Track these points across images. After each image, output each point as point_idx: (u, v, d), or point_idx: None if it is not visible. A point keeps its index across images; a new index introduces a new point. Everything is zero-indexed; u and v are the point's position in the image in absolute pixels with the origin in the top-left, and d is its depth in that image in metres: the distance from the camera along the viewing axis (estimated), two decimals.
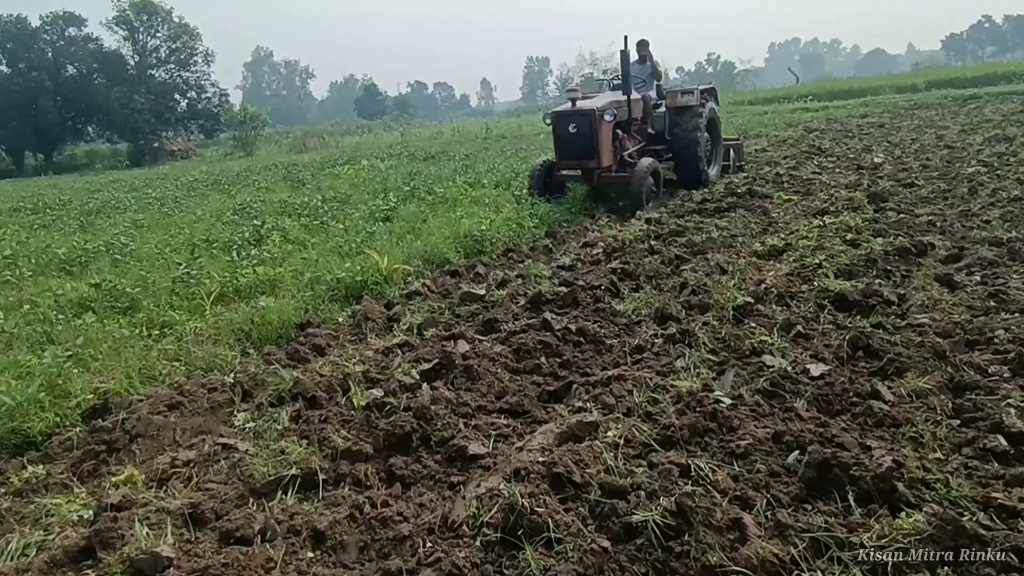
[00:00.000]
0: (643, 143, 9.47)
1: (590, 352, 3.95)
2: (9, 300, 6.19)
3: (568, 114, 8.53)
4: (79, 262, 7.78)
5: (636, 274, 5.31)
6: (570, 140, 8.52)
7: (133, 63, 54.94)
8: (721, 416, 2.64)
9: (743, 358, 3.41)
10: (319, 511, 2.58)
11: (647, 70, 10.14)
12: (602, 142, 8.35)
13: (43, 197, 17.59)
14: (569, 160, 8.72)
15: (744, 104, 32.31)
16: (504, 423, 3.15)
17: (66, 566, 2.42)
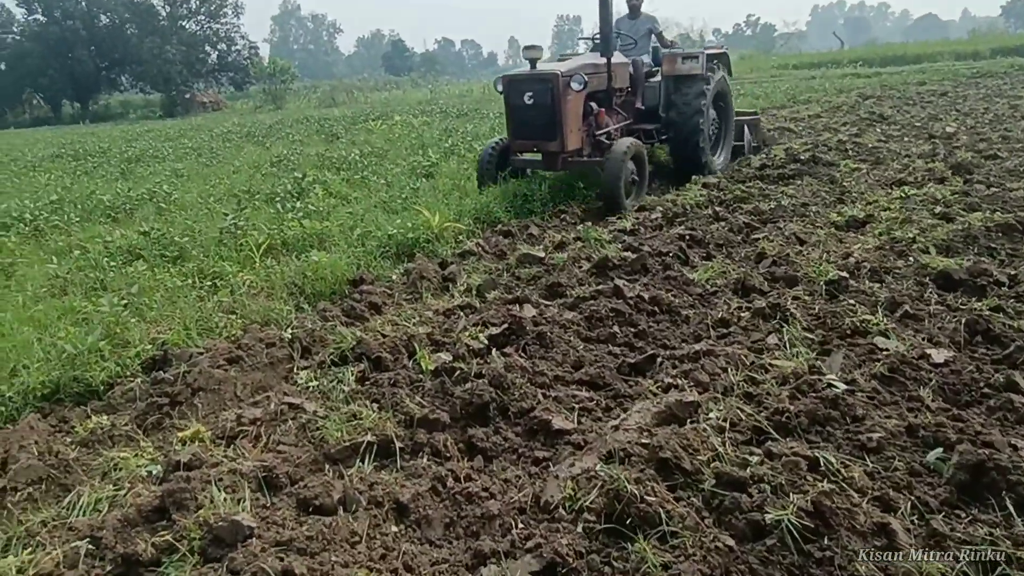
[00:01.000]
0: (629, 120, 7.49)
1: (666, 323, 3.71)
2: (59, 245, 6.12)
3: (524, 80, 6.39)
4: (124, 209, 7.69)
5: (705, 241, 5.03)
6: (526, 114, 6.45)
7: (164, 13, 54.65)
8: (843, 403, 2.40)
9: (846, 338, 3.14)
10: (399, 482, 2.42)
11: (641, 27, 8.00)
12: (567, 117, 6.32)
13: (83, 144, 17.61)
14: (525, 140, 6.66)
15: (789, 68, 31.07)
16: (586, 395, 2.95)
17: (140, 525, 2.31)
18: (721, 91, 7.91)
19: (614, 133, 7.05)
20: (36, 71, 52.67)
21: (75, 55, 52.58)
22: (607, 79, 6.88)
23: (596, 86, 6.75)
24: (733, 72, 9.10)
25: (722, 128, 8.24)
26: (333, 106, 33.10)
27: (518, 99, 6.46)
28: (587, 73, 6.47)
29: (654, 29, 8.06)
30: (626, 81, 7.36)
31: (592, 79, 6.59)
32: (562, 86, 6.26)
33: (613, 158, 6.22)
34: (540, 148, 6.65)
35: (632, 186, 6.56)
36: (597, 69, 6.78)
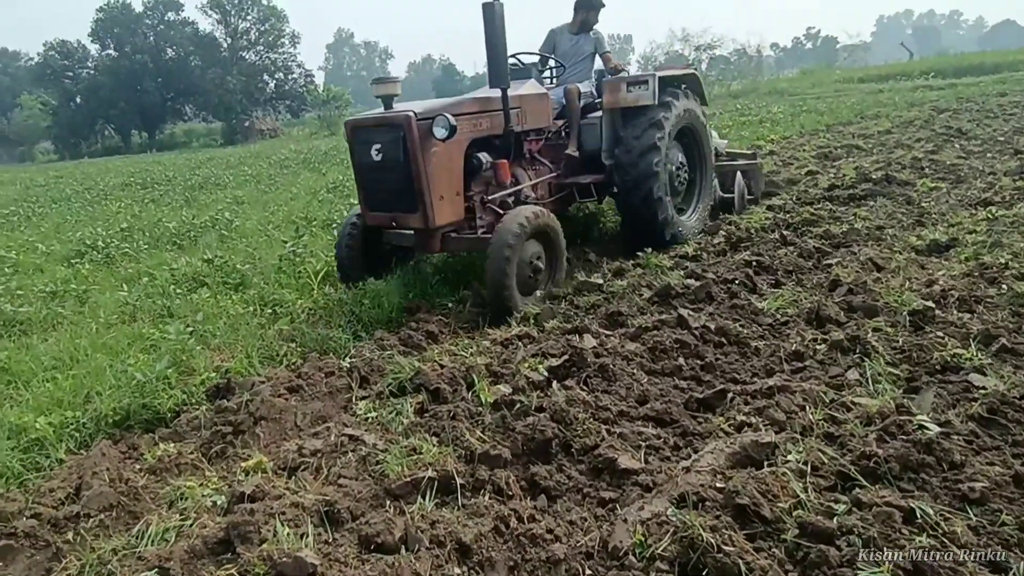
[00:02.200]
0: (555, 173, 5.71)
1: (735, 355, 3.60)
2: (129, 272, 6.44)
3: (369, 127, 4.68)
4: (188, 236, 8.05)
5: (773, 267, 4.88)
6: (377, 175, 4.72)
7: (225, 45, 57.77)
8: (938, 448, 2.26)
9: (936, 374, 2.97)
10: (461, 521, 2.39)
11: (584, 47, 6.21)
12: (432, 178, 4.51)
13: (149, 173, 18.63)
14: (380, 212, 4.84)
15: (854, 82, 30.25)
16: (652, 432, 2.87)
17: (205, 557, 2.35)
18: (689, 127, 6.08)
19: (527, 193, 5.30)
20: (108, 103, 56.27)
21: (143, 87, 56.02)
22: (503, 119, 4.92)
23: (486, 130, 4.92)
24: (794, 88, 8.48)
25: (697, 176, 6.36)
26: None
27: (365, 154, 4.65)
28: (464, 113, 4.69)
29: (600, 49, 6.25)
30: (546, 119, 5.50)
31: (472, 121, 4.79)
32: (419, 134, 4.40)
33: (498, 242, 4.33)
34: (399, 223, 4.74)
35: (534, 278, 4.65)
36: (483, 107, 4.89)
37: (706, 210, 6.46)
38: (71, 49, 59.60)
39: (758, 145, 11.99)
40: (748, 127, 14.94)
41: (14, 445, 3.23)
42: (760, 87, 31.58)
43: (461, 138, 4.67)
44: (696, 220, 6.27)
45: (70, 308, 5.43)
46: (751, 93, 29.29)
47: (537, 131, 5.55)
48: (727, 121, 16.38)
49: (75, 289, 5.97)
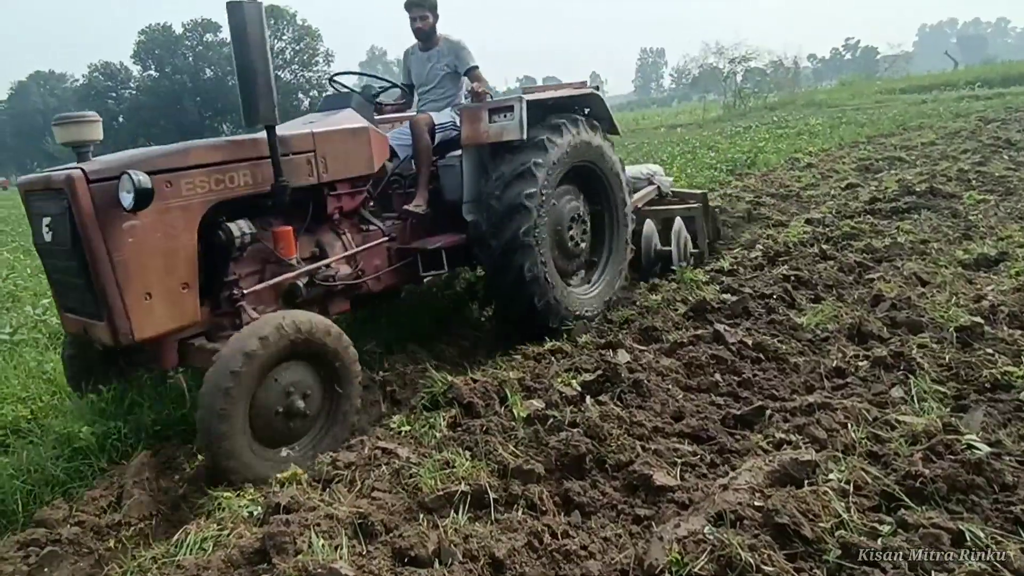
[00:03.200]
0: (390, 237, 4.21)
1: (773, 371, 3.56)
2: None
3: (36, 191, 3.26)
4: None
5: (812, 282, 4.81)
6: (51, 261, 3.41)
7: None
8: (989, 468, 2.20)
9: (985, 392, 2.89)
10: (494, 535, 2.40)
11: (438, 64, 4.77)
12: (124, 270, 3.03)
13: None
14: (71, 314, 3.38)
15: (895, 92, 29.72)
16: (688, 449, 2.85)
17: (242, 567, 2.40)
18: (589, 165, 4.59)
19: (336, 271, 3.80)
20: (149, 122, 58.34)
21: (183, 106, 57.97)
22: (273, 170, 3.40)
23: (242, 187, 3.39)
24: (833, 100, 8.05)
25: (606, 235, 4.89)
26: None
27: (38, 231, 3.28)
28: (190, 167, 3.23)
29: (461, 66, 4.69)
30: (365, 163, 3.94)
31: (212, 177, 3.30)
32: (95, 203, 2.95)
33: (214, 375, 2.90)
34: (89, 332, 3.24)
35: (291, 425, 3.17)
36: (233, 154, 3.40)
37: (618, 274, 4.89)
38: (114, 70, 62.10)
39: (795, 158, 11.86)
40: (785, 139, 14.78)
41: (59, 454, 3.35)
42: (797, 99, 31.24)
43: (188, 203, 3.20)
44: (602, 290, 4.75)
45: None
46: (788, 105, 28.98)
47: (355, 181, 3.94)
48: (764, 134, 16.23)
49: None
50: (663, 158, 13.35)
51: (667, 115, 37.46)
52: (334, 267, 3.83)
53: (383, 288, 4.23)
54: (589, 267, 4.91)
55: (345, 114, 4.10)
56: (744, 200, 8.19)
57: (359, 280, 3.97)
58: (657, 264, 5.59)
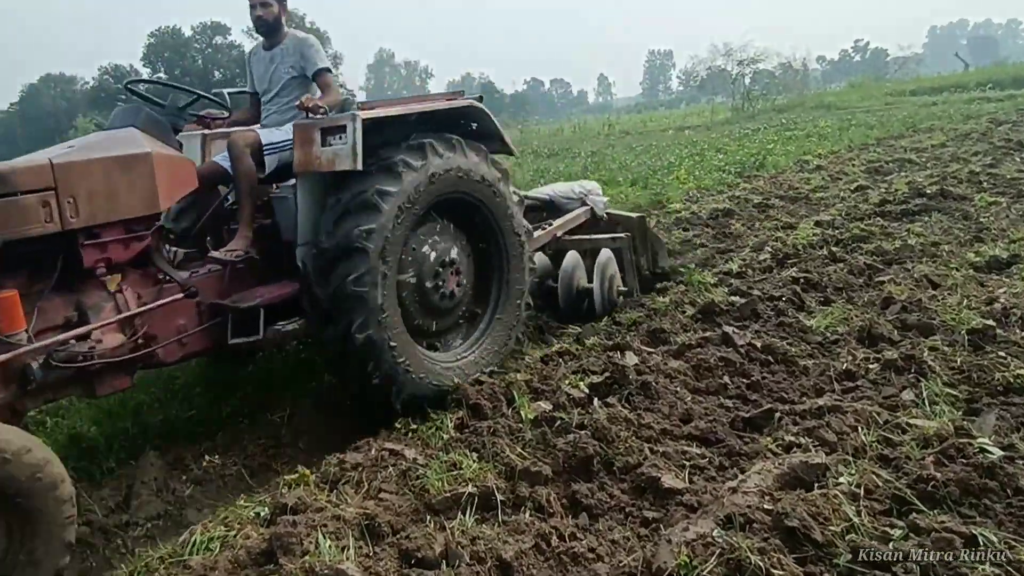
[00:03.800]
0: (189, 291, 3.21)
1: (782, 374, 3.54)
2: None
3: None
4: None
5: (821, 284, 4.79)
6: None
7: None
8: (1002, 472, 2.18)
9: (998, 396, 2.87)
10: (502, 537, 2.40)
11: (281, 66, 3.92)
12: None
13: None
14: None
15: (905, 94, 29.54)
16: (697, 452, 2.84)
17: (249, 567, 2.40)
18: (467, 198, 3.68)
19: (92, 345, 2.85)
20: None
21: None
22: None
23: None
24: (842, 102, 7.61)
25: (493, 283, 3.96)
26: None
27: None
28: None
29: (308, 67, 3.84)
30: (142, 202, 3.03)
31: None
32: None
33: None
34: None
35: None
36: None
37: (508, 332, 3.94)
38: (124, 73, 62.52)
39: (804, 160, 11.80)
40: (794, 142, 14.72)
41: (67, 454, 3.37)
42: (806, 101, 31.08)
43: None
44: (482, 354, 3.80)
45: None
46: (797, 107, 28.84)
47: (131, 224, 3.03)
48: (772, 136, 16.17)
49: None
50: (671, 159, 13.33)
51: (675, 117, 37.35)
52: (94, 337, 2.86)
53: (185, 356, 3.27)
54: (472, 322, 3.95)
55: (122, 136, 3.14)
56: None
57: (141, 351, 2.99)
58: (583, 303, 4.74)
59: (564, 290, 4.72)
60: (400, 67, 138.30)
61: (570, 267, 4.76)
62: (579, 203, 5.25)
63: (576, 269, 4.78)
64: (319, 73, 3.82)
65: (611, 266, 4.81)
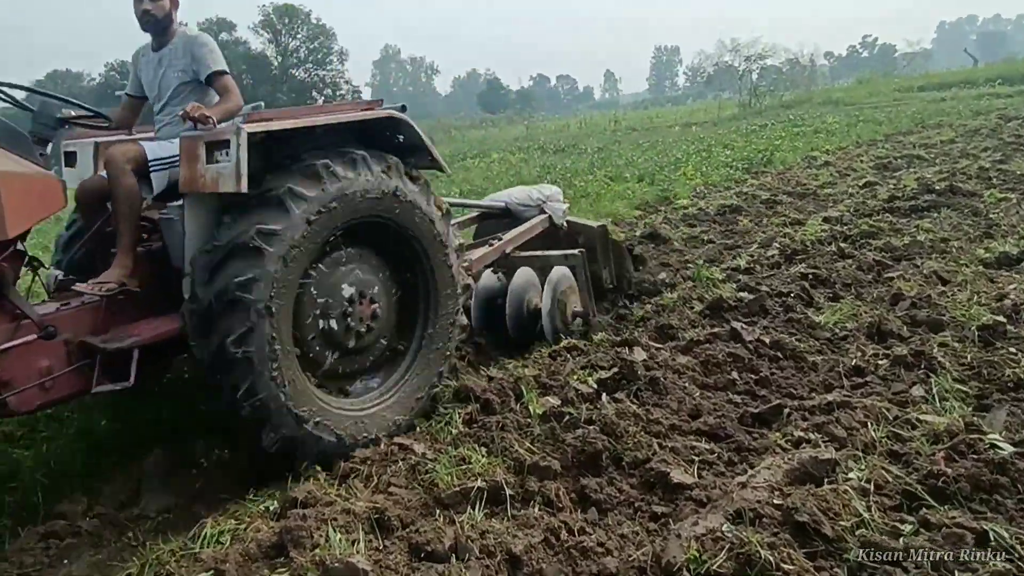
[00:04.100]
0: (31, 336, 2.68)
1: (791, 370, 3.54)
2: None
3: None
4: None
5: (830, 280, 4.78)
6: None
7: (276, 63, 59.86)
8: (1012, 468, 2.18)
9: (1009, 392, 2.86)
10: (511, 531, 2.41)
11: (171, 69, 3.45)
12: None
13: None
14: None
15: (913, 90, 29.38)
16: (706, 447, 2.84)
17: (259, 560, 2.41)
18: (384, 222, 3.21)
19: None
20: None
21: None
22: None
23: None
24: (850, 98, 7.55)
25: (419, 317, 3.47)
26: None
27: None
28: None
29: (201, 70, 3.37)
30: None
31: None
32: None
33: None
34: None
35: None
36: None
37: (435, 371, 3.45)
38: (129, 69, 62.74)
39: (811, 156, 11.76)
40: (802, 138, 14.67)
41: (79, 448, 3.40)
42: (814, 97, 30.98)
43: None
44: (401, 399, 3.32)
45: None
46: (804, 103, 28.74)
47: None
48: (780, 132, 16.12)
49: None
50: (677, 156, 13.31)
51: (682, 113, 37.24)
52: None
53: (48, 403, 2.83)
54: (393, 360, 3.43)
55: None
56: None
57: None
58: (535, 325, 4.21)
59: (513, 311, 4.18)
60: (406, 63, 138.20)
61: (520, 286, 4.22)
62: (537, 210, 4.84)
63: (528, 290, 4.25)
64: (214, 76, 3.33)
65: (564, 285, 4.26)
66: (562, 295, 4.24)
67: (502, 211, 4.96)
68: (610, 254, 4.91)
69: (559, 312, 4.22)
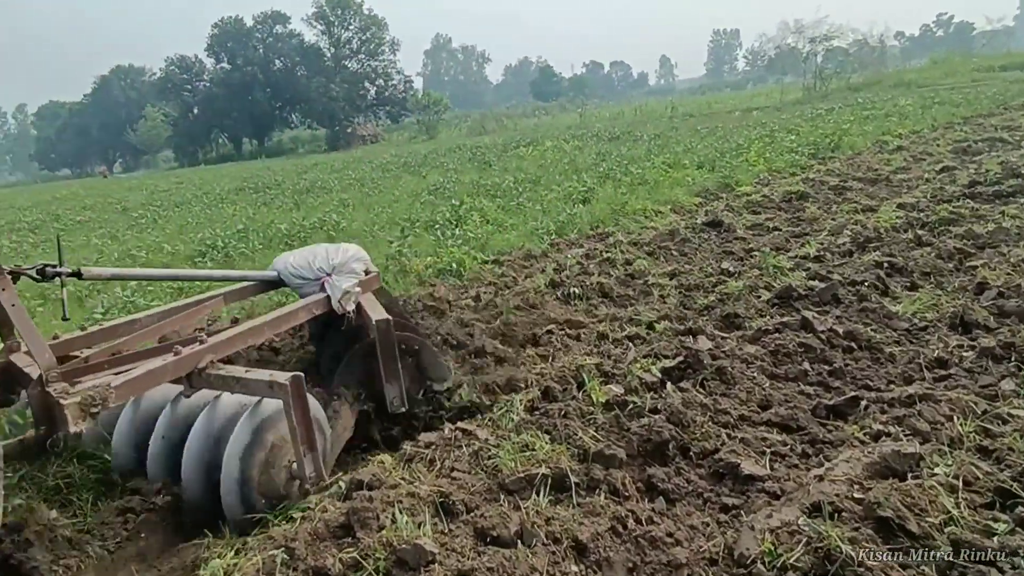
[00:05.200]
0: None
1: (866, 361, 3.42)
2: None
3: None
4: (299, 237, 8.54)
5: (907, 269, 4.58)
6: None
7: (329, 55, 61.07)
8: None
9: None
10: (577, 519, 2.41)
11: None
12: None
13: (260, 178, 19.94)
14: None
15: (994, 70, 27.83)
16: (778, 439, 2.78)
17: (327, 539, 2.48)
18: None
19: None
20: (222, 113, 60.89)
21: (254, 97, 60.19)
22: None
23: None
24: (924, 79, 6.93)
25: None
26: (483, 134, 34.77)
27: None
28: None
29: None
30: None
31: None
32: None
33: None
34: None
35: None
36: None
37: None
38: (189, 64, 65.05)
39: (883, 141, 11.26)
40: (872, 121, 14.08)
41: None
42: (884, 79, 29.70)
43: None
44: None
45: None
46: (874, 86, 27.58)
47: None
48: (848, 116, 15.51)
49: (199, 287, 6.48)
50: (739, 142, 12.97)
51: (741, 98, 36.29)
52: None
53: None
54: None
55: None
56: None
57: None
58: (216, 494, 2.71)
59: (190, 471, 2.76)
60: (457, 52, 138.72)
61: (204, 431, 2.76)
62: (317, 285, 3.48)
63: (220, 435, 2.75)
64: None
65: (272, 434, 2.74)
66: (267, 450, 2.72)
67: (272, 284, 3.67)
68: (396, 360, 3.22)
69: (253, 478, 2.68)
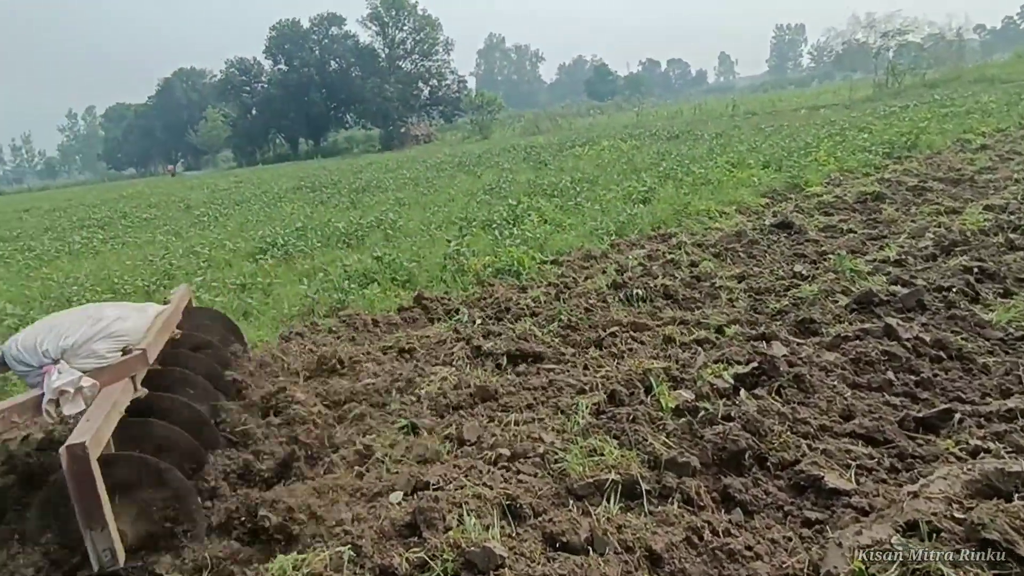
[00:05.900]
0: None
1: (958, 372, 3.24)
2: (305, 268, 7.09)
3: None
4: (356, 235, 8.69)
5: (999, 275, 4.34)
6: None
7: (383, 55, 62.20)
8: None
9: None
10: (649, 527, 2.36)
11: None
12: None
13: (317, 177, 20.44)
14: None
15: None
16: (863, 452, 2.65)
17: (393, 538, 2.50)
18: None
19: None
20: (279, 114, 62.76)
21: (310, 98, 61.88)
22: None
23: None
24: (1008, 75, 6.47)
25: None
26: (537, 134, 34.76)
27: None
28: None
29: None
30: None
31: None
32: None
33: None
34: None
35: None
36: None
37: None
38: (248, 65, 67.25)
39: (964, 139, 10.73)
40: (952, 119, 13.45)
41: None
42: (964, 74, 28.36)
43: None
44: None
45: (257, 299, 6.07)
46: (952, 82, 26.36)
47: None
48: (925, 114, 14.86)
49: (260, 282, 6.66)
50: (807, 140, 12.58)
51: (807, 96, 35.25)
52: None
53: None
54: None
55: None
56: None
57: None
58: None
59: None
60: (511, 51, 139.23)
61: None
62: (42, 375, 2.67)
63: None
64: None
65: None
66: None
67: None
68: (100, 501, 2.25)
69: None
